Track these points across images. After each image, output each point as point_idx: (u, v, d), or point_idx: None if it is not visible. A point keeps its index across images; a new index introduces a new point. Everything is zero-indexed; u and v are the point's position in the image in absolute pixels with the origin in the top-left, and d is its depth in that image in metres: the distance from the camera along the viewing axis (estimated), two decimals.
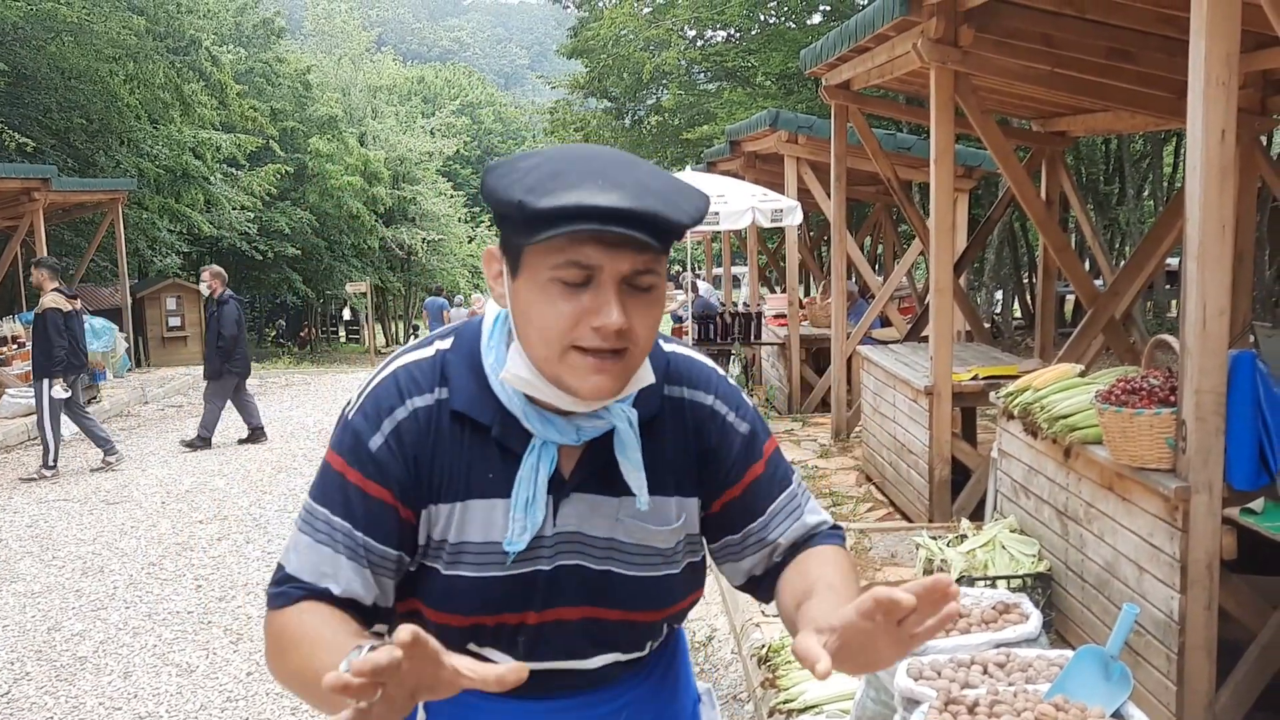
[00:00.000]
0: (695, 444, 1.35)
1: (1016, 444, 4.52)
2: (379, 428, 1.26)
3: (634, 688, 1.40)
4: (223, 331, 9.95)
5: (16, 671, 4.69)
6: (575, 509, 1.29)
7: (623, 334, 1.16)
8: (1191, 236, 3.06)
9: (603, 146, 1.23)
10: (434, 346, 1.32)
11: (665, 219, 1.12)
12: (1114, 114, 6.54)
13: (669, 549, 1.33)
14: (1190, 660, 3.14)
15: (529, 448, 1.25)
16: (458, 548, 1.27)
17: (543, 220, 1.10)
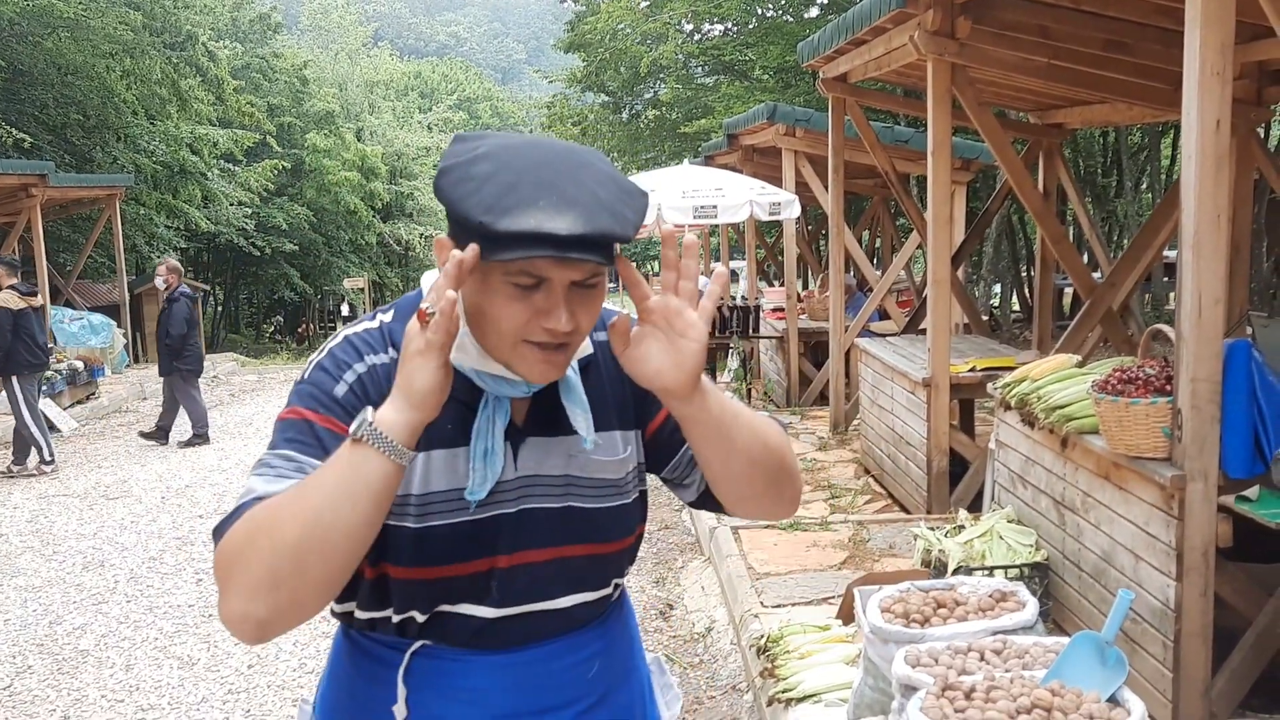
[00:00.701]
0: (628, 380, 1.38)
1: (1014, 435, 4.54)
2: (341, 377, 1.31)
3: (599, 638, 1.45)
4: (170, 330, 9.77)
5: (19, 665, 4.71)
6: (533, 452, 1.36)
7: (570, 333, 1.24)
8: (1187, 226, 3.07)
9: (553, 144, 1.26)
10: (376, 319, 1.38)
11: (616, 237, 1.18)
12: (1111, 106, 6.55)
13: (620, 479, 1.41)
14: (1186, 647, 3.16)
15: (483, 401, 1.32)
16: (425, 499, 1.32)
17: (501, 243, 1.15)
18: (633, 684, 1.52)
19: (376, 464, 1.15)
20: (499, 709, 1.37)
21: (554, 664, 1.40)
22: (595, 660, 1.44)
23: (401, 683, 1.37)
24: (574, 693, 1.41)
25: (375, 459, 1.15)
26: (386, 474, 1.16)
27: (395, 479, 1.17)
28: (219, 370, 17.38)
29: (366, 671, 1.41)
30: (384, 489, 1.16)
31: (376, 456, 1.15)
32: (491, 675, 1.37)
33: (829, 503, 6.40)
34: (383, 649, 1.39)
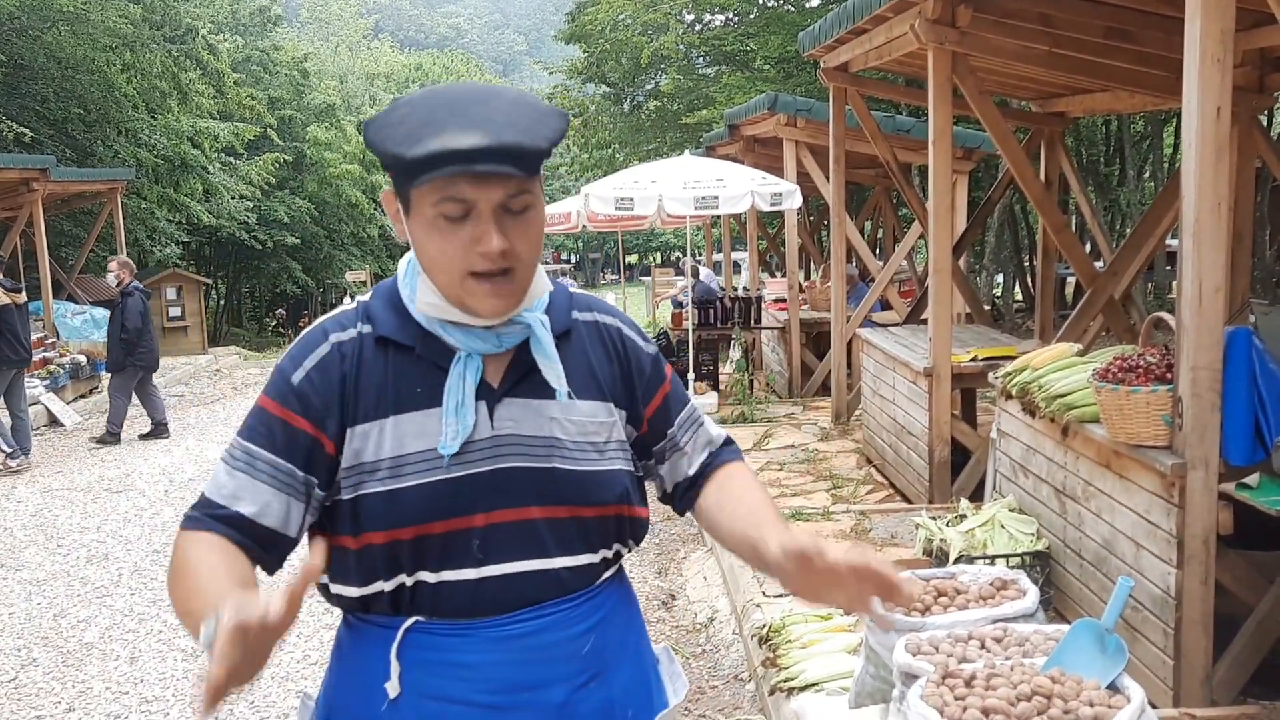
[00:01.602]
0: (615, 359, 1.52)
1: (1015, 424, 4.54)
2: (301, 364, 1.40)
3: (593, 611, 1.46)
4: (126, 324, 9.72)
5: (24, 658, 4.73)
6: (510, 412, 1.40)
7: (506, 254, 1.31)
8: (1187, 214, 3.07)
9: (472, 84, 1.39)
10: (356, 300, 1.49)
11: (523, 148, 1.26)
12: (1113, 94, 6.53)
13: (602, 442, 1.46)
14: (1187, 635, 3.16)
15: (455, 358, 1.38)
16: (398, 460, 1.36)
17: (417, 168, 1.26)
18: (633, 666, 1.52)
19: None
20: (492, 684, 1.38)
21: (545, 637, 1.41)
22: (589, 635, 1.45)
23: (394, 659, 1.39)
24: (567, 668, 1.42)
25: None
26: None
27: None
28: (221, 364, 17.41)
29: (363, 653, 1.43)
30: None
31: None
32: (483, 650, 1.38)
33: (831, 493, 6.41)
34: (377, 629, 1.42)
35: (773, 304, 11.40)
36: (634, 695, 1.50)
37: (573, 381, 1.44)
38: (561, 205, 12.24)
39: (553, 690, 1.40)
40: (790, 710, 3.40)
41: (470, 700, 1.38)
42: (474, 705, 1.38)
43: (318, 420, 1.37)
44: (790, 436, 8.15)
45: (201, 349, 18.64)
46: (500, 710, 1.38)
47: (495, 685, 1.38)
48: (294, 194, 25.64)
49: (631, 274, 46.42)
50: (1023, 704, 1.96)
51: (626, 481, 1.49)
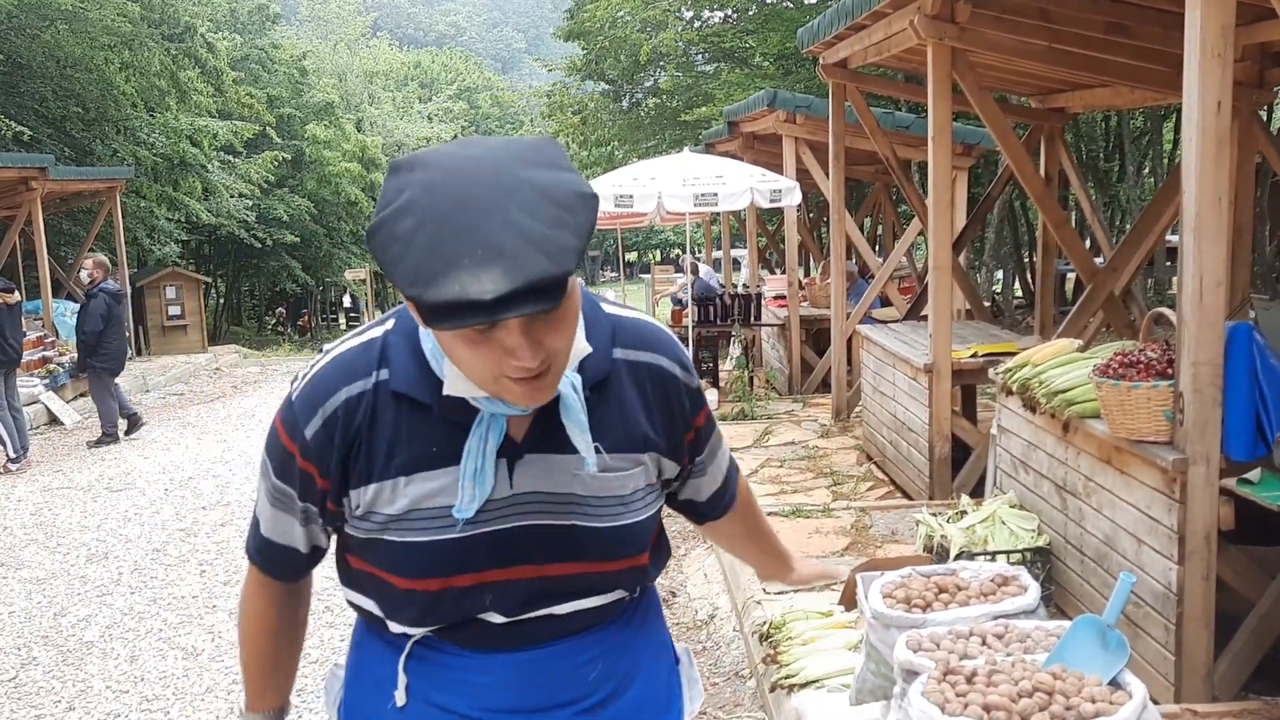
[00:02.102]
0: (656, 404, 1.40)
1: (1015, 420, 4.53)
2: (312, 417, 1.31)
3: (604, 640, 1.43)
4: (85, 326, 9.60)
5: (24, 657, 4.72)
6: (531, 469, 1.32)
7: (542, 359, 1.16)
8: (1188, 209, 3.06)
9: (478, 167, 1.12)
10: (381, 328, 1.34)
11: (550, 279, 1.06)
12: (1112, 89, 6.51)
13: (628, 494, 1.37)
14: (1188, 631, 3.16)
15: (478, 419, 1.28)
16: (407, 516, 1.31)
17: (433, 315, 1.07)
18: (646, 683, 1.49)
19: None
20: (496, 704, 1.37)
21: (555, 664, 1.39)
22: (598, 662, 1.42)
23: (402, 670, 1.39)
24: (573, 692, 1.40)
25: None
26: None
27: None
28: (221, 362, 17.41)
29: (376, 652, 1.45)
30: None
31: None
32: (491, 672, 1.38)
33: (831, 489, 6.40)
34: (390, 634, 1.42)
35: (772, 301, 11.40)
36: (642, 711, 1.47)
37: (606, 435, 1.33)
38: None
39: (557, 713, 1.39)
40: (791, 707, 3.40)
41: (471, 715, 1.38)
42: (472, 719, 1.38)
43: (321, 470, 1.33)
44: (790, 433, 8.14)
45: (201, 348, 18.62)
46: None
47: (498, 704, 1.37)
48: (293, 192, 25.62)
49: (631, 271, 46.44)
50: (1024, 700, 1.95)
51: (649, 528, 1.42)
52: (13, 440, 8.82)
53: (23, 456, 8.93)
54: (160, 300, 18.41)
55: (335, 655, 4.49)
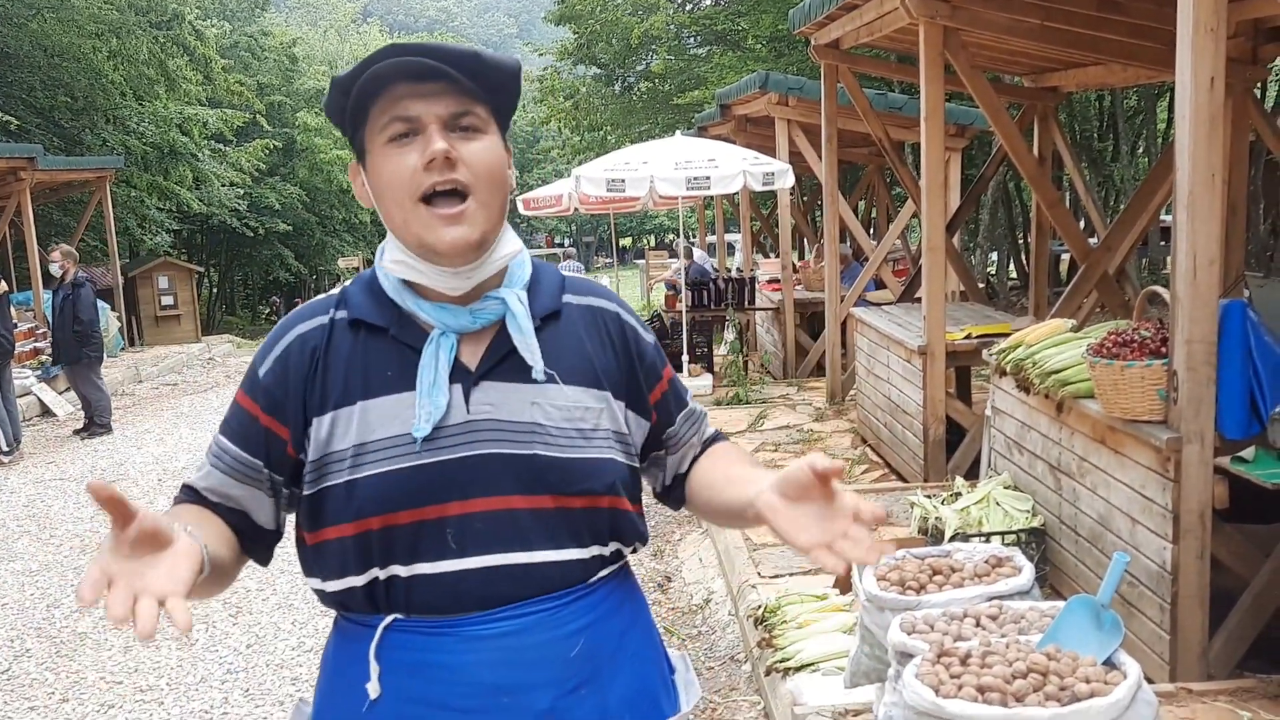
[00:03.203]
0: (613, 346, 1.45)
1: (1009, 401, 4.52)
2: (268, 355, 1.38)
3: (584, 612, 1.38)
4: (80, 315, 9.49)
5: (17, 649, 4.71)
6: (487, 396, 1.34)
7: (451, 161, 1.28)
8: (1181, 186, 3.04)
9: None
10: (337, 288, 1.46)
11: (464, 57, 1.26)
12: (1106, 67, 6.48)
13: (590, 429, 1.38)
14: (1183, 609, 3.15)
15: (429, 339, 1.34)
16: (361, 448, 1.31)
17: (352, 78, 1.28)
18: (634, 673, 1.43)
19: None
20: (470, 687, 1.32)
21: (527, 637, 1.33)
22: (578, 637, 1.36)
23: (373, 659, 1.34)
24: (553, 672, 1.34)
25: None
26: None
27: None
28: (214, 352, 17.36)
29: (346, 652, 1.39)
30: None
31: None
32: (465, 650, 1.32)
33: None
34: (358, 628, 1.37)
35: (766, 284, 11.37)
36: (634, 704, 1.41)
37: (560, 364, 1.37)
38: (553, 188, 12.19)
39: (536, 695, 1.33)
40: (786, 690, 3.39)
41: (448, 704, 1.31)
42: (452, 709, 1.31)
43: (280, 417, 1.35)
44: (785, 417, 8.13)
45: (194, 337, 18.56)
46: (479, 713, 1.31)
47: (474, 688, 1.32)
48: (285, 180, 25.51)
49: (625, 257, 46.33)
50: (1018, 681, 1.94)
51: (619, 472, 1.40)
52: (4, 433, 8.78)
53: (15, 448, 8.89)
54: (153, 290, 18.34)
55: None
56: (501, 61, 1.32)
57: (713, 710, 3.71)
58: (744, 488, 1.37)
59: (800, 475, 1.23)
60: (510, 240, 1.39)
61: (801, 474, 1.22)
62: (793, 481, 1.24)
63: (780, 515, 1.24)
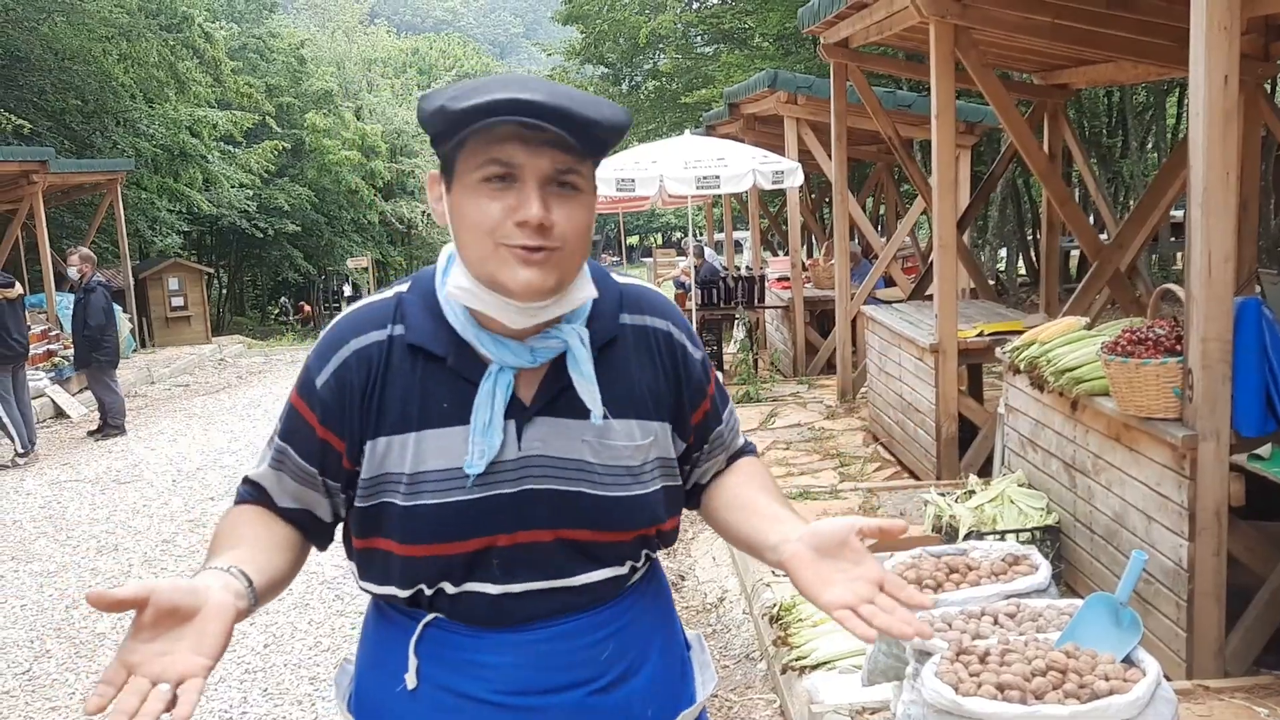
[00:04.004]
0: (662, 368, 1.42)
1: (1023, 398, 4.52)
2: (324, 367, 1.34)
3: (616, 617, 1.41)
4: (89, 320, 9.55)
5: (37, 649, 4.74)
6: (539, 432, 1.33)
7: (545, 229, 1.23)
8: (1195, 183, 3.04)
9: (520, 75, 1.30)
10: (393, 290, 1.39)
11: (581, 115, 1.19)
12: (1116, 64, 6.47)
13: (637, 466, 1.37)
14: (1200, 607, 3.16)
15: (486, 373, 1.31)
16: (416, 478, 1.31)
17: (463, 119, 1.19)
18: (657, 665, 1.47)
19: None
20: (507, 686, 1.36)
21: (564, 643, 1.37)
22: (610, 641, 1.40)
23: (413, 653, 1.37)
24: (586, 673, 1.38)
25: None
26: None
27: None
28: (226, 353, 17.42)
29: (386, 637, 1.42)
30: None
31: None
32: (501, 652, 1.36)
33: (838, 471, 6.40)
34: (400, 616, 1.40)
35: (776, 283, 11.37)
36: (655, 694, 1.45)
37: (613, 396, 1.35)
38: None
39: (568, 694, 1.37)
40: (802, 689, 3.40)
41: (484, 699, 1.35)
42: (487, 704, 1.35)
43: (337, 431, 1.34)
44: (796, 415, 8.14)
45: (205, 339, 18.63)
46: (514, 710, 1.36)
47: (510, 686, 1.36)
48: (294, 181, 25.57)
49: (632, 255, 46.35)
50: (1038, 679, 1.95)
51: (660, 502, 1.41)
52: (20, 435, 8.84)
53: (30, 450, 8.95)
54: (163, 292, 18.42)
55: (347, 644, 4.50)
56: (617, 122, 1.26)
57: (729, 709, 3.73)
58: (770, 526, 1.37)
59: (837, 532, 1.24)
60: (584, 285, 1.34)
61: (839, 531, 1.24)
62: (827, 537, 1.25)
63: (806, 569, 1.26)
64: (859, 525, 1.23)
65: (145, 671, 1.05)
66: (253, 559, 1.27)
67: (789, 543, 1.29)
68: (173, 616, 1.09)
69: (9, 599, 5.41)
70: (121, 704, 1.02)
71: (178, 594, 1.10)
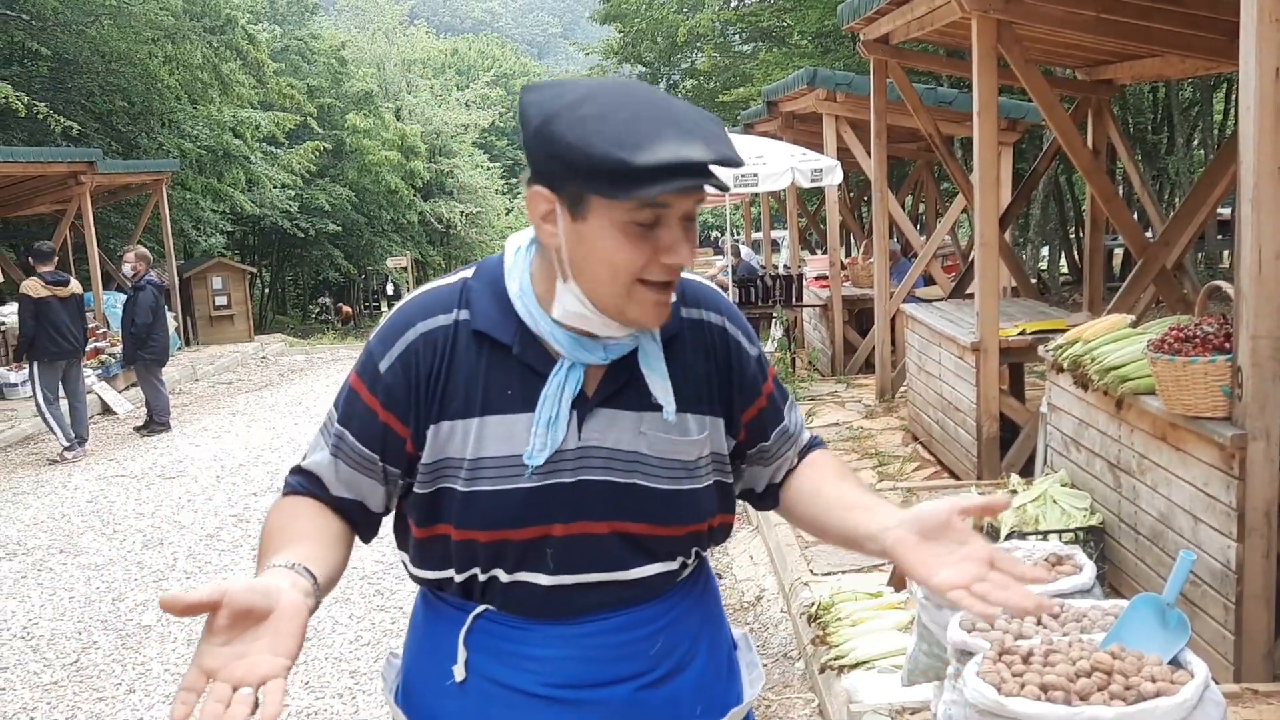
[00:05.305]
0: (716, 363, 1.43)
1: (1066, 397, 4.47)
2: (389, 350, 1.34)
3: (666, 612, 1.42)
4: (135, 319, 9.68)
5: (85, 641, 4.83)
6: (599, 424, 1.33)
7: (680, 269, 1.27)
8: (1245, 179, 2.99)
9: (631, 83, 1.26)
10: (458, 275, 1.40)
11: (735, 161, 1.20)
12: (1162, 59, 6.37)
13: (692, 461, 1.38)
14: (1248, 609, 3.10)
15: (556, 366, 1.31)
16: (476, 463, 1.31)
17: (641, 178, 1.15)
18: (706, 661, 1.47)
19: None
20: (557, 679, 1.36)
21: (615, 637, 1.38)
22: (659, 636, 1.41)
23: (462, 645, 1.38)
24: (636, 666, 1.39)
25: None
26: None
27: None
28: (268, 351, 17.63)
29: (435, 630, 1.43)
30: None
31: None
32: (550, 645, 1.37)
33: (877, 470, 6.36)
34: (450, 609, 1.41)
35: (814, 281, 11.32)
36: (704, 691, 1.46)
37: (675, 391, 1.37)
38: None
39: (618, 688, 1.38)
40: (841, 688, 3.39)
41: (533, 692, 1.36)
42: (536, 697, 1.36)
43: (401, 415, 1.34)
44: (834, 414, 8.09)
45: (248, 337, 18.86)
46: (564, 704, 1.36)
47: (560, 679, 1.37)
48: (334, 182, 25.82)
49: None
50: (1082, 680, 1.92)
51: (713, 497, 1.43)
52: (64, 430, 8.99)
53: (80, 445, 9.12)
54: (207, 291, 18.67)
55: (386, 639, 4.54)
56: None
57: (766, 707, 3.72)
58: (866, 516, 1.36)
59: (939, 514, 1.24)
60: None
61: (941, 513, 1.24)
62: (929, 519, 1.25)
63: (912, 554, 1.25)
64: (961, 504, 1.23)
65: (225, 676, 1.05)
66: (314, 554, 1.27)
67: (890, 530, 1.29)
68: (247, 618, 1.09)
69: (57, 591, 5.52)
70: (207, 712, 1.02)
71: (251, 595, 1.10)
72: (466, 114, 32.28)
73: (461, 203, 30.81)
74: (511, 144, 42.00)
